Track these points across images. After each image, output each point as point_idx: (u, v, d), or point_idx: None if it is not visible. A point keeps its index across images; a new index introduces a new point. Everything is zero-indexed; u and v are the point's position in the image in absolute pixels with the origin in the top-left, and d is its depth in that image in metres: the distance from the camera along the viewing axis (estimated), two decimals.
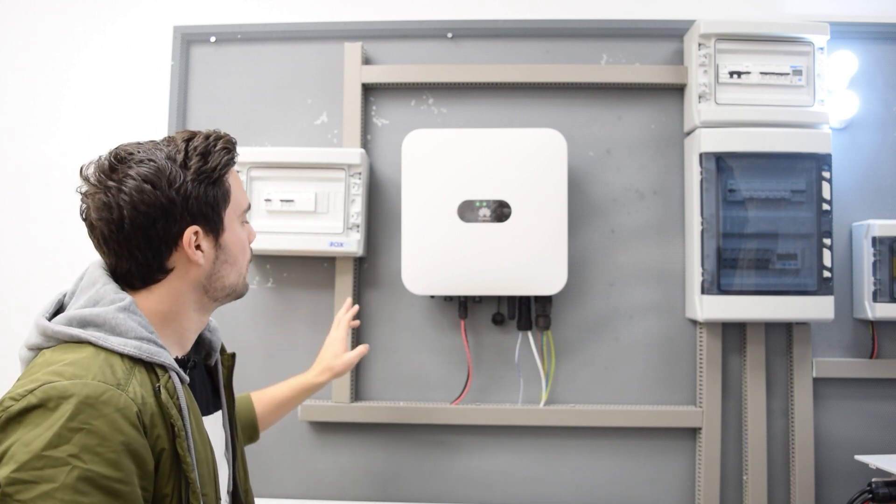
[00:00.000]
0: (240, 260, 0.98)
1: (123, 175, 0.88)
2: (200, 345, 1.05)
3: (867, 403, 1.61)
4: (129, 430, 0.78)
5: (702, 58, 1.56)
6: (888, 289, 1.54)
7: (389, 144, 1.68)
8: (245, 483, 1.08)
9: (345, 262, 1.63)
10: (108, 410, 0.77)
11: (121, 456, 0.76)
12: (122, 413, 0.78)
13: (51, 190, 1.75)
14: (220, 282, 0.96)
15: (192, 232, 0.91)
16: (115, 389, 0.79)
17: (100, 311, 0.85)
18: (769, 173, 1.53)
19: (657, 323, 1.64)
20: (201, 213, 0.91)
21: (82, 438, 0.74)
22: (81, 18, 1.77)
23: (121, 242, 0.88)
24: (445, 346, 1.64)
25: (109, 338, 0.84)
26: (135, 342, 0.85)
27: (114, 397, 0.78)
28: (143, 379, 0.84)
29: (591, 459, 1.63)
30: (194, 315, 0.96)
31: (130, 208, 0.86)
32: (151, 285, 0.91)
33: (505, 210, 1.52)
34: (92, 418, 0.76)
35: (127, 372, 0.82)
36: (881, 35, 1.65)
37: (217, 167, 0.93)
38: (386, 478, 1.64)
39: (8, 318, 1.74)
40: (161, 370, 0.86)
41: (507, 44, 1.69)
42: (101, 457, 0.75)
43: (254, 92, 1.71)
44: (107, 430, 0.76)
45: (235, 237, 0.97)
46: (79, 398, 0.76)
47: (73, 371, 0.79)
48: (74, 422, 0.75)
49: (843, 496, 1.46)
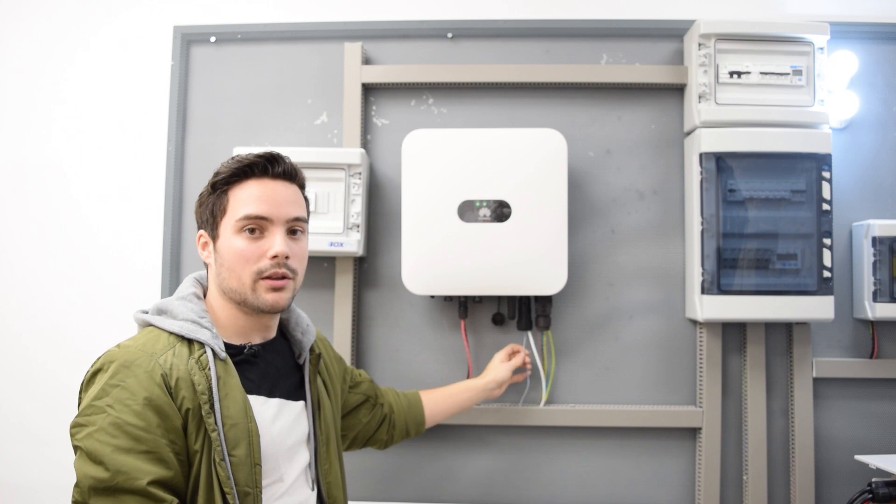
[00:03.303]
0: (236, 268, 1.06)
1: None
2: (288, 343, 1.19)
3: (867, 403, 1.61)
4: (154, 389, 0.95)
5: (702, 58, 1.56)
6: (888, 289, 1.54)
7: (389, 144, 1.68)
8: (329, 475, 1.16)
9: (345, 262, 1.63)
10: (138, 372, 0.96)
11: (144, 409, 0.94)
12: (150, 374, 0.96)
13: (50, 190, 1.75)
14: (225, 283, 1.07)
15: (198, 236, 1.11)
16: (147, 356, 0.98)
17: (167, 301, 1.08)
18: (769, 173, 1.53)
19: (657, 323, 1.64)
20: (205, 221, 1.10)
21: (117, 392, 0.94)
22: (81, 18, 1.77)
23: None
24: (445, 346, 1.64)
25: (166, 320, 1.04)
26: (180, 322, 1.03)
27: (144, 362, 0.97)
28: (181, 351, 1.01)
29: (591, 459, 1.63)
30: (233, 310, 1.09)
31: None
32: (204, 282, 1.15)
33: (505, 210, 1.52)
34: (126, 377, 0.95)
35: (167, 345, 1.01)
36: (881, 35, 1.65)
37: (219, 181, 1.08)
38: (386, 478, 1.64)
39: (8, 318, 1.74)
40: (199, 346, 1.02)
41: (507, 44, 1.69)
42: (129, 408, 0.93)
43: (254, 92, 1.71)
44: (135, 387, 0.95)
45: (228, 245, 1.07)
46: (119, 362, 0.97)
47: (128, 343, 1.01)
48: (114, 379, 0.95)
49: (843, 496, 1.46)
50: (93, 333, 1.70)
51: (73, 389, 1.06)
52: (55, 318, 1.73)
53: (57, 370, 1.71)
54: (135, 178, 1.72)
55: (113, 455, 0.90)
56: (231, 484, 0.97)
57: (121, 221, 1.73)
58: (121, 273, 1.71)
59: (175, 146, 1.70)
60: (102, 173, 1.74)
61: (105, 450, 0.91)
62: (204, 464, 0.97)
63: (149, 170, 1.71)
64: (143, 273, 1.71)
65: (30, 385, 1.72)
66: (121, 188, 1.73)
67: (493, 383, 1.51)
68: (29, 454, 1.71)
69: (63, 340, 1.71)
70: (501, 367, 1.53)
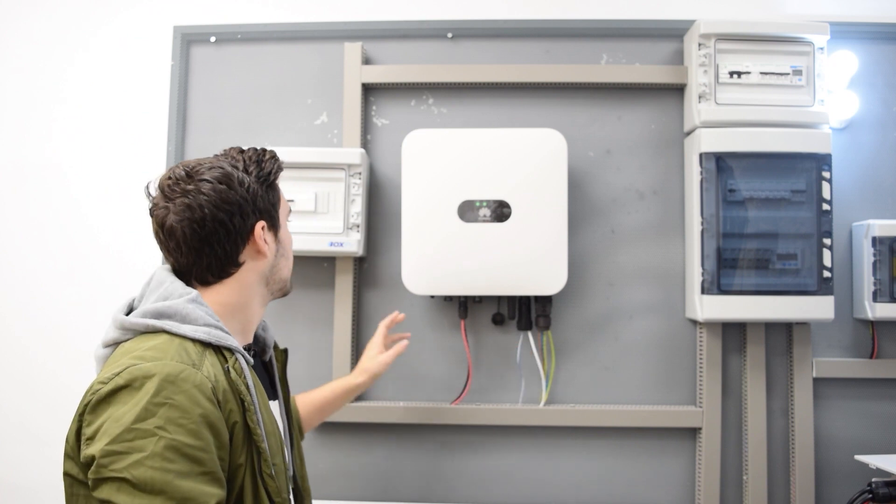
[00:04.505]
0: (290, 255, 1.12)
1: (199, 180, 0.98)
2: (256, 342, 1.15)
3: (867, 403, 1.61)
4: (206, 404, 0.87)
5: (702, 58, 1.56)
6: (888, 289, 1.54)
7: (389, 144, 1.68)
8: (301, 469, 1.17)
9: (345, 262, 1.63)
10: (186, 386, 0.86)
11: (200, 427, 0.85)
12: (199, 388, 0.87)
13: (50, 190, 1.75)
14: (279, 274, 1.08)
15: (261, 226, 1.03)
16: (192, 368, 0.88)
17: (172, 303, 0.95)
18: (769, 173, 1.53)
19: (657, 323, 1.64)
20: (266, 211, 1.04)
21: (166, 412, 0.84)
22: (81, 18, 1.77)
23: (202, 239, 0.98)
24: (445, 346, 1.64)
25: (181, 326, 0.94)
26: (204, 328, 0.94)
27: (191, 375, 0.87)
28: (214, 360, 0.93)
29: (592, 459, 1.63)
30: (257, 307, 1.07)
31: (211, 206, 0.97)
32: (224, 279, 1.02)
33: (505, 210, 1.52)
34: (173, 394, 0.85)
35: (199, 354, 0.92)
36: (881, 35, 1.65)
37: (271, 172, 1.06)
38: (386, 478, 1.64)
39: (7, 318, 1.74)
40: (228, 353, 0.96)
41: (507, 44, 1.69)
42: (183, 427, 0.84)
43: (254, 92, 1.71)
44: (187, 404, 0.85)
45: (287, 234, 1.11)
46: (160, 376, 0.85)
47: (153, 354, 0.88)
48: (158, 397, 0.84)
49: (843, 496, 1.46)
50: (93, 333, 1.68)
51: (73, 389, 1.06)
52: (55, 318, 1.73)
53: (57, 370, 1.71)
54: (135, 178, 1.72)
55: (176, 482, 0.81)
56: (282, 496, 0.96)
57: (121, 221, 1.73)
58: (121, 273, 1.71)
59: (175, 146, 1.70)
60: (102, 173, 1.74)
61: (166, 477, 0.81)
62: (248, 478, 0.92)
63: (149, 170, 1.71)
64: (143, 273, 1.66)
65: (30, 385, 1.72)
66: (121, 188, 1.73)
67: (371, 379, 1.42)
68: (29, 454, 1.71)
69: (63, 340, 1.71)
70: (377, 361, 1.43)
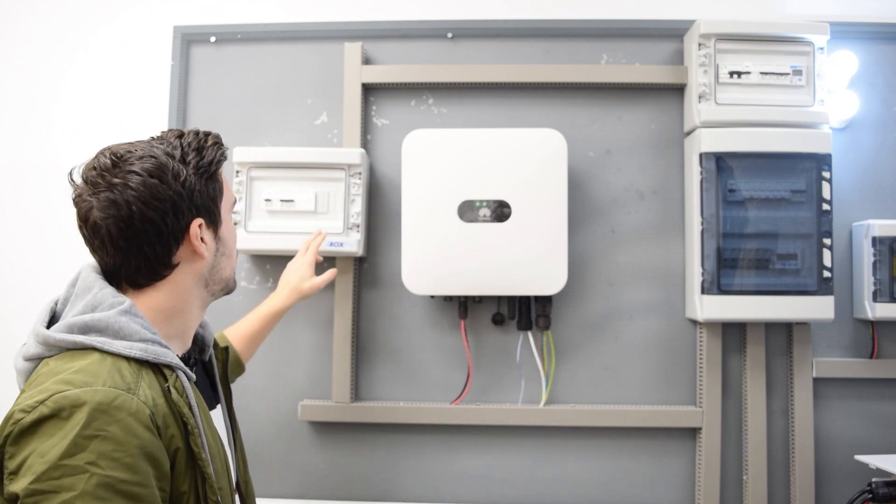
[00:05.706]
0: (233, 252, 1.01)
1: (127, 171, 0.87)
2: (194, 342, 1.05)
3: (867, 403, 1.61)
4: (144, 434, 0.78)
5: (702, 58, 1.56)
6: (888, 289, 1.54)
7: (389, 144, 1.68)
8: (244, 474, 1.09)
9: (345, 262, 1.63)
10: (121, 415, 0.77)
11: (137, 459, 0.77)
12: (136, 417, 0.78)
13: (50, 191, 1.75)
14: (219, 274, 0.98)
15: (198, 224, 0.92)
16: (127, 394, 0.79)
17: (101, 316, 0.85)
18: (769, 173, 1.53)
19: (657, 323, 1.64)
20: (204, 206, 0.93)
21: (98, 445, 0.75)
22: (81, 18, 1.77)
23: (129, 239, 0.87)
24: (445, 346, 1.64)
25: (113, 342, 0.83)
26: (140, 344, 0.85)
27: (126, 402, 0.78)
28: (152, 380, 0.84)
29: (591, 459, 1.63)
30: (196, 311, 0.98)
31: (140, 203, 0.86)
32: (157, 282, 0.92)
33: (505, 210, 1.51)
34: (106, 424, 0.76)
35: (135, 375, 0.82)
36: (881, 35, 1.65)
37: (212, 162, 0.94)
38: (386, 478, 1.64)
39: (7, 319, 1.74)
40: (168, 370, 0.87)
41: (507, 44, 1.69)
42: (118, 462, 0.75)
43: (254, 92, 1.71)
44: (122, 435, 0.76)
45: (230, 230, 1.00)
46: (91, 405, 0.76)
47: (82, 378, 0.78)
48: (89, 429, 0.75)
49: (843, 496, 1.46)
50: None
51: None
52: None
53: None
54: None
55: None
56: None
57: None
58: None
59: None
60: None
61: None
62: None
63: None
64: None
65: None
66: None
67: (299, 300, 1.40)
68: None
69: None
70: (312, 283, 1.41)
